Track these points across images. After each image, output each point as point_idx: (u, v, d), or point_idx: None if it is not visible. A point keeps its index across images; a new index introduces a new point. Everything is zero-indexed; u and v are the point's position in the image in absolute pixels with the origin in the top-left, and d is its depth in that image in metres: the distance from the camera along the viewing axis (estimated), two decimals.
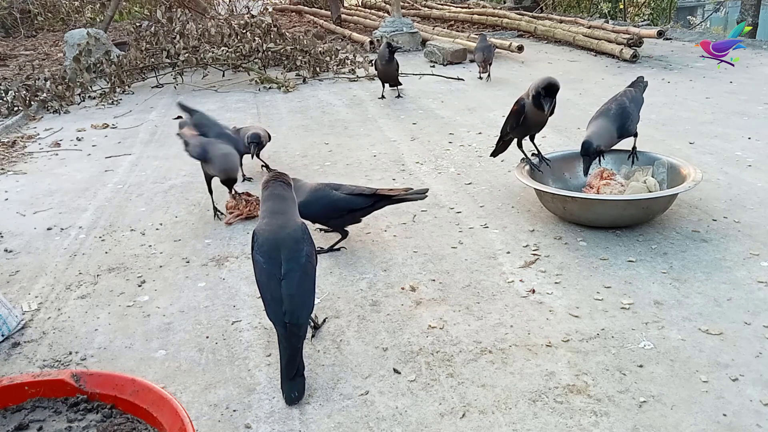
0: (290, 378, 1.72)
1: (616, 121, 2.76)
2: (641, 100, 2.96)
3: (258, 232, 1.88)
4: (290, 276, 1.77)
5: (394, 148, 3.97)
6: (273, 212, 1.93)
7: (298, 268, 1.79)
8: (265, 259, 1.81)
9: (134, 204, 3.28)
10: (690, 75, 5.66)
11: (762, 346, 1.85)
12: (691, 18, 16.90)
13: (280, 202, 1.96)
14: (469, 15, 9.52)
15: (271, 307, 1.76)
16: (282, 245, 1.82)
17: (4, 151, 4.38)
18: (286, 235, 1.85)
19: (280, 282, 1.76)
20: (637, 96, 2.92)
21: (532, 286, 2.25)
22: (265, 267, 1.80)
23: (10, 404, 1.40)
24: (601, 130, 2.73)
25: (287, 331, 1.72)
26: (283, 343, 1.73)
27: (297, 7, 12.32)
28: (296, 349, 1.73)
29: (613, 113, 2.79)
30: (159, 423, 1.32)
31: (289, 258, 1.80)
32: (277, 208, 1.94)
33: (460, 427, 1.61)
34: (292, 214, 1.96)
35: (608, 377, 1.76)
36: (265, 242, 1.84)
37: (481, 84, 5.81)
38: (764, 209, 2.76)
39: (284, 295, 1.74)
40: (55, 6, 11.44)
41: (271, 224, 1.89)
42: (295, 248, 1.82)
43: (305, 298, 1.79)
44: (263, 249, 1.83)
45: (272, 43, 6.67)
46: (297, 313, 1.74)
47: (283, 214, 1.93)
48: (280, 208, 1.95)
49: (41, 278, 2.54)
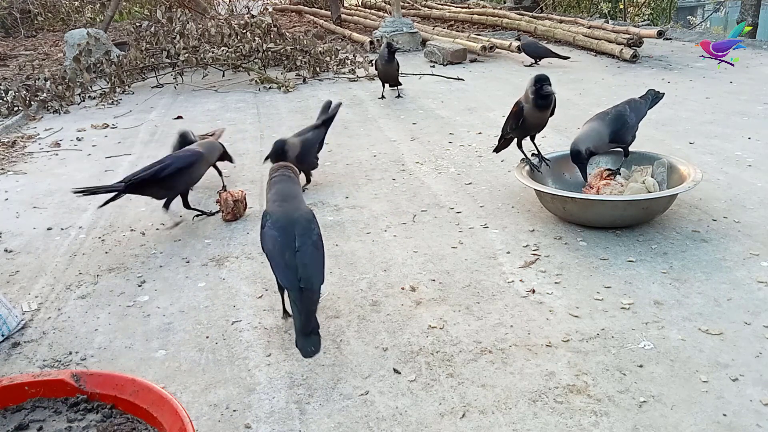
0: (306, 334, 1.80)
1: (610, 126, 2.75)
2: (644, 112, 2.94)
3: (271, 212, 2.05)
4: (304, 249, 1.93)
5: (394, 148, 3.98)
6: (284, 196, 2.10)
7: (311, 243, 1.96)
8: (279, 233, 1.97)
9: (134, 204, 3.28)
10: (690, 75, 5.66)
11: (762, 346, 1.85)
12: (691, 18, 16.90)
13: (290, 187, 2.14)
14: (469, 15, 9.53)
15: (286, 273, 1.90)
16: (296, 223, 1.99)
17: (4, 151, 4.38)
18: (299, 216, 2.03)
19: (294, 253, 1.91)
20: (640, 107, 2.91)
21: (532, 286, 2.25)
22: (279, 239, 1.95)
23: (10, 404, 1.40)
24: (590, 132, 2.73)
25: (302, 295, 1.86)
26: (299, 305, 1.85)
27: (297, 7, 12.32)
28: (311, 310, 1.85)
29: (609, 117, 2.79)
30: (159, 423, 1.32)
31: (302, 234, 1.96)
32: (288, 192, 2.11)
33: (460, 427, 1.61)
34: (302, 200, 2.14)
35: (608, 377, 1.76)
36: (280, 219, 2.01)
37: (481, 84, 5.81)
38: (764, 209, 2.76)
39: (299, 264, 1.89)
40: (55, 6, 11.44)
41: (283, 206, 2.06)
42: (308, 227, 2.00)
43: (317, 268, 1.94)
44: (278, 224, 1.99)
45: (272, 43, 6.66)
46: (311, 280, 1.89)
47: (294, 198, 2.11)
48: (290, 192, 2.12)
49: (41, 278, 2.54)
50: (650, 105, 3.01)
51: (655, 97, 3.04)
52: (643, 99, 2.99)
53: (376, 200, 3.16)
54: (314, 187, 3.39)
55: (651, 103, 3.01)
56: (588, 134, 2.72)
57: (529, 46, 6.53)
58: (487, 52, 7.02)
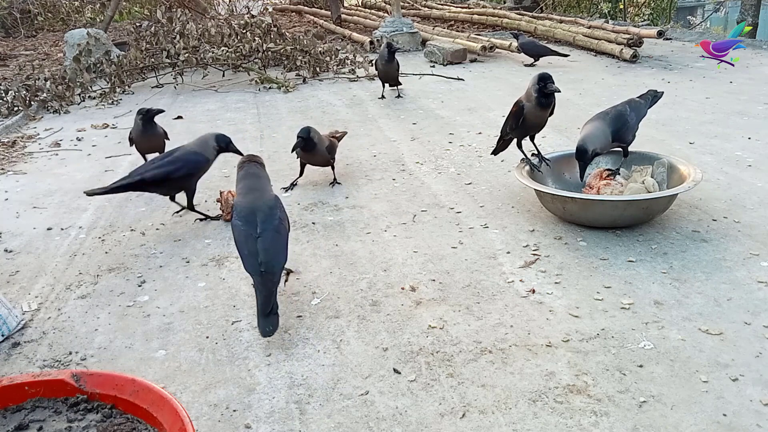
0: (266, 315, 1.95)
1: (611, 125, 2.75)
2: (644, 112, 2.94)
3: (237, 203, 2.22)
4: (265, 234, 2.08)
5: (394, 148, 3.98)
6: (250, 188, 2.26)
7: (271, 228, 2.10)
8: (242, 222, 2.12)
9: (134, 204, 3.28)
10: (690, 75, 5.66)
11: (762, 346, 1.85)
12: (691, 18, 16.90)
13: (256, 180, 2.29)
14: (469, 15, 9.53)
15: (249, 260, 2.05)
16: (258, 211, 2.15)
17: (4, 151, 4.38)
18: (261, 203, 2.18)
19: (256, 239, 2.07)
20: (640, 107, 2.91)
21: (532, 286, 2.25)
22: (243, 228, 2.11)
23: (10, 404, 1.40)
24: (595, 132, 2.73)
25: (263, 278, 2.00)
26: (260, 288, 2.00)
27: (297, 7, 12.32)
28: (271, 292, 1.98)
29: (610, 116, 2.79)
30: (159, 423, 1.32)
31: (264, 220, 2.12)
32: (254, 185, 2.27)
33: (460, 427, 1.61)
34: (267, 190, 2.28)
35: (608, 377, 1.76)
36: (243, 209, 2.17)
37: (481, 84, 5.81)
38: (764, 209, 2.76)
39: (260, 249, 2.04)
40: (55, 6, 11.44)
41: (248, 197, 2.22)
42: (269, 213, 2.14)
43: (278, 252, 2.09)
44: (242, 214, 2.15)
45: (272, 43, 6.66)
46: (271, 264, 2.03)
47: (258, 190, 2.26)
48: (256, 185, 2.27)
49: (41, 278, 2.54)
50: (650, 105, 3.01)
51: (654, 97, 3.04)
52: (642, 99, 2.99)
53: (376, 200, 3.16)
54: (314, 187, 3.39)
55: (651, 103, 3.01)
56: (595, 134, 2.71)
57: (527, 45, 6.54)
58: (487, 52, 7.03)
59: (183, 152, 2.89)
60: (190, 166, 2.85)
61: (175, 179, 2.84)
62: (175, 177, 2.83)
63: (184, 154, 2.88)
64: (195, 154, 2.90)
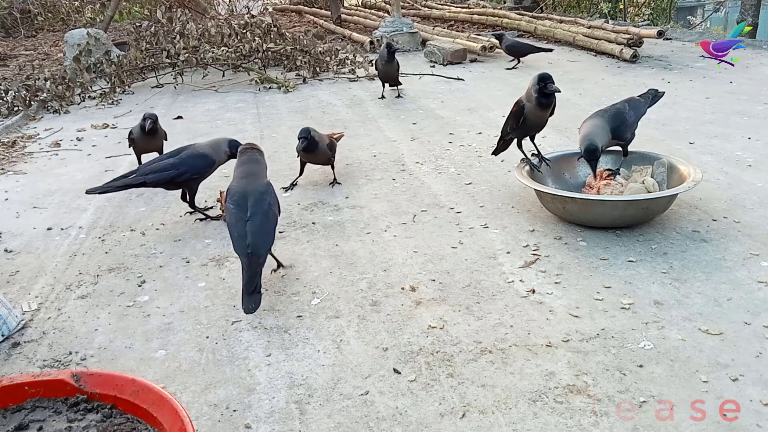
0: (249, 293, 2.06)
1: (610, 122, 2.75)
2: (644, 111, 2.94)
3: (231, 187, 2.32)
4: (254, 218, 2.20)
5: (394, 148, 3.97)
6: (246, 174, 2.37)
7: (260, 212, 2.21)
8: (234, 206, 2.24)
9: (134, 204, 3.28)
10: (690, 75, 5.66)
11: (762, 346, 1.85)
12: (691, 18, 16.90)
13: (252, 166, 2.41)
14: (469, 15, 9.52)
15: (237, 242, 2.17)
16: (249, 195, 2.26)
17: (4, 151, 4.38)
18: (253, 189, 2.29)
19: (245, 223, 2.18)
20: (639, 105, 2.91)
21: (532, 286, 2.25)
22: (234, 212, 2.23)
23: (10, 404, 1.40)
24: (598, 130, 2.72)
25: (249, 259, 2.11)
26: (245, 268, 2.11)
27: (297, 7, 12.31)
28: (255, 272, 2.10)
29: (608, 114, 2.79)
30: (159, 423, 1.32)
31: (254, 205, 2.23)
32: (250, 171, 2.38)
33: (460, 427, 1.61)
34: (262, 176, 2.39)
35: (608, 377, 1.76)
36: (236, 193, 2.28)
37: (481, 84, 5.81)
38: (764, 209, 2.76)
39: (248, 231, 2.16)
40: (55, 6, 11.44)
41: (242, 182, 2.33)
42: (260, 198, 2.25)
43: (265, 235, 2.20)
44: (234, 198, 2.27)
45: (272, 43, 6.66)
46: (258, 246, 2.15)
47: (254, 175, 2.36)
48: (252, 170, 2.38)
49: (41, 278, 2.54)
50: (650, 104, 3.01)
51: (655, 96, 3.04)
52: (642, 97, 2.99)
53: (376, 200, 3.16)
54: (314, 187, 3.39)
55: (651, 102, 3.01)
56: (596, 131, 2.70)
57: (514, 47, 6.51)
58: (487, 52, 7.02)
59: (189, 155, 2.91)
60: (194, 171, 2.91)
61: (178, 183, 2.89)
62: (179, 181, 2.88)
63: (190, 158, 2.90)
64: (201, 157, 2.92)
